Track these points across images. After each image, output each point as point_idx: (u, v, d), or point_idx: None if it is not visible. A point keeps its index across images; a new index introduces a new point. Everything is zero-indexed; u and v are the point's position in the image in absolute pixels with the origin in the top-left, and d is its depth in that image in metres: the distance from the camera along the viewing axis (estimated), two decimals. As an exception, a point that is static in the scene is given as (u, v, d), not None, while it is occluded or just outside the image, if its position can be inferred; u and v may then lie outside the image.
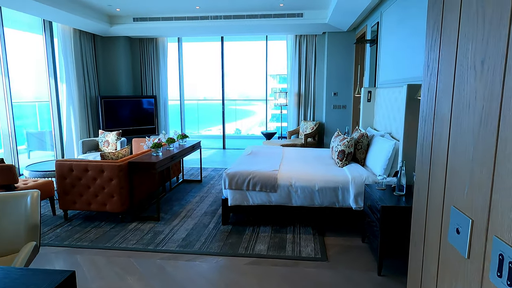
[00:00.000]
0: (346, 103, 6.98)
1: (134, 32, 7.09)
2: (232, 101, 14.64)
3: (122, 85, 7.51)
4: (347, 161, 3.77)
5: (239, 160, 3.99)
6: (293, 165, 3.79)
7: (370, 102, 4.79)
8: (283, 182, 3.32)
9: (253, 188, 3.35)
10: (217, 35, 7.65)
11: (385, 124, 4.19)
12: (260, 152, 4.56)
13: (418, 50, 3.22)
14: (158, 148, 3.88)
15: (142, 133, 7.49)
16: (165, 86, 7.98)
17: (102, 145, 5.68)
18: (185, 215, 3.81)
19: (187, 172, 5.82)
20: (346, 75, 6.88)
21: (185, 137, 4.74)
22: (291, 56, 7.44)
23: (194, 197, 4.46)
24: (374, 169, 3.48)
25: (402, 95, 3.58)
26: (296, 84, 7.46)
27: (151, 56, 7.81)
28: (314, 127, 6.91)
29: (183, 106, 8.30)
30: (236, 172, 3.42)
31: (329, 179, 3.30)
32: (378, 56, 4.79)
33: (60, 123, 6.51)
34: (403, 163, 2.67)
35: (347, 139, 3.80)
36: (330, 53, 6.88)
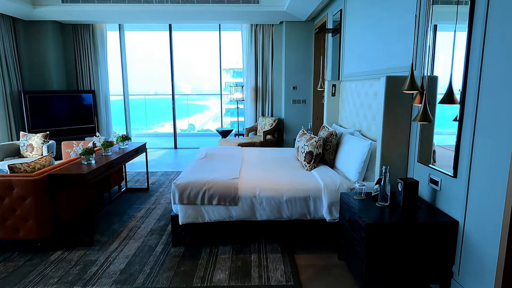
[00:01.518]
0: (306, 97, 6.61)
1: (64, 16, 6.07)
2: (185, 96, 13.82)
3: (53, 78, 6.45)
4: (316, 164, 3.33)
5: (192, 166, 3.38)
6: (256, 170, 3.27)
7: (335, 96, 4.41)
8: (245, 193, 2.78)
9: (209, 201, 2.77)
10: (164, 23, 6.87)
11: (353, 121, 3.82)
12: (216, 154, 3.98)
13: (397, 36, 2.84)
14: (90, 155, 3.14)
15: (79, 133, 6.53)
16: (105, 79, 7.04)
17: (25, 149, 4.73)
18: (126, 235, 3.13)
19: (132, 179, 5.06)
20: (305, 68, 6.49)
21: (126, 139, 4.01)
22: (247, 47, 6.89)
23: (138, 210, 3.77)
24: (347, 172, 3.07)
25: (373, 88, 3.20)
26: (253, 78, 6.94)
27: (87, 45, 6.82)
28: (273, 124, 6.46)
29: (127, 101, 7.41)
30: (188, 182, 2.82)
31: (299, 187, 2.83)
32: (342, 47, 4.41)
33: (-29, 124, 5.38)
34: (387, 169, 2.26)
35: (315, 139, 3.36)
36: (288, 44, 6.44)
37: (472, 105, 1.91)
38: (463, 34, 2.00)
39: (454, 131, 2.08)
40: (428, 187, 2.38)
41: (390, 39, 2.97)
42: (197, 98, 15.33)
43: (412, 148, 2.58)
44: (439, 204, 2.26)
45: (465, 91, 1.98)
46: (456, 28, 2.06)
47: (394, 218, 2.13)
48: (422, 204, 2.34)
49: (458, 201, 2.05)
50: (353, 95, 3.78)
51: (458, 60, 2.07)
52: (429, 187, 2.37)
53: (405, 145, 2.62)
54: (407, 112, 2.58)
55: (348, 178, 3.00)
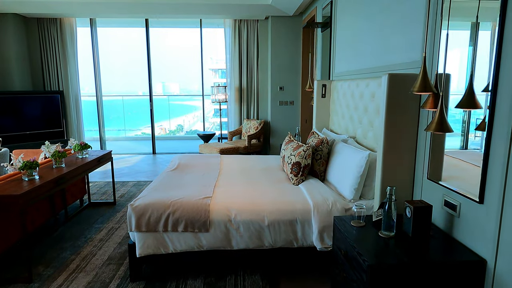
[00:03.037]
0: (293, 98, 6.14)
1: (27, 8, 5.47)
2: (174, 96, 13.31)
3: (15, 77, 5.83)
4: (304, 177, 2.85)
5: (157, 181, 2.86)
6: (233, 185, 2.77)
7: (325, 98, 3.95)
8: (218, 217, 2.28)
9: (173, 228, 2.26)
10: (140, 17, 6.31)
11: (346, 126, 3.36)
12: (190, 164, 3.47)
13: (399, 27, 2.38)
14: (32, 169, 2.60)
15: (45, 138, 5.90)
16: (75, 79, 6.44)
17: (-27, 159, 4.13)
18: (77, 266, 2.60)
19: (99, 190, 4.50)
20: (293, 67, 6.03)
21: (86, 148, 3.47)
22: (230, 45, 6.39)
23: (99, 231, 3.23)
24: (341, 188, 2.60)
25: (370, 89, 2.75)
26: (237, 77, 6.44)
27: (54, 42, 6.21)
28: (259, 127, 5.97)
29: (101, 103, 6.82)
30: (148, 204, 2.30)
31: (283, 208, 2.34)
32: (333, 43, 3.95)
33: None
34: (392, 191, 1.80)
35: (303, 148, 2.88)
36: (275, 42, 5.97)
37: (507, 110, 1.46)
38: (487, 24, 1.55)
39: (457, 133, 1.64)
40: (442, 211, 1.92)
41: (391, 31, 2.51)
42: (186, 98, 14.80)
43: (419, 162, 2.13)
44: (457, 234, 1.81)
45: (495, 93, 1.53)
46: (478, 15, 1.61)
47: (403, 255, 1.66)
48: (436, 234, 1.88)
49: (486, 234, 1.60)
50: (346, 96, 3.32)
51: (481, 55, 1.62)
52: (443, 211, 1.91)
53: (411, 157, 2.17)
54: (413, 118, 2.12)
55: (342, 195, 2.53)
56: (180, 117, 14.38)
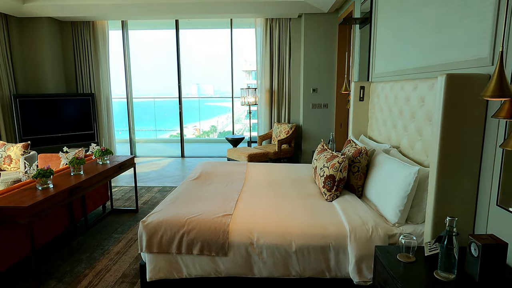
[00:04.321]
0: (327, 101, 5.75)
1: (60, 11, 5.52)
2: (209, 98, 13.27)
3: (48, 80, 5.92)
4: (338, 192, 2.50)
5: (177, 192, 2.63)
6: (258, 200, 2.47)
7: (363, 101, 3.55)
8: (238, 239, 1.99)
9: (188, 250, 2.00)
10: (170, 18, 6.19)
11: (387, 134, 2.96)
12: (213, 173, 3.22)
13: (460, 15, 1.96)
14: (47, 178, 2.46)
15: (77, 140, 5.96)
16: (107, 81, 6.45)
17: (2, 162, 4.15)
18: (89, 282, 2.42)
19: (123, 196, 4.39)
20: (327, 68, 5.64)
21: (107, 153, 3.32)
22: (261, 45, 6.11)
23: (117, 242, 3.06)
24: (383, 208, 2.22)
25: (418, 92, 2.34)
26: (268, 79, 6.14)
27: (87, 45, 6.25)
28: (290, 131, 5.64)
29: (131, 105, 6.80)
30: (161, 221, 2.06)
31: (314, 231, 2.01)
32: (373, 40, 3.55)
33: (-44, 131, 4.89)
34: (453, 223, 1.42)
35: (337, 159, 2.53)
36: (308, 41, 5.61)
37: None
38: None
39: None
40: (518, 249, 1.51)
41: (446, 23, 2.10)
42: (220, 100, 14.83)
43: (485, 183, 1.72)
44: (542, 282, 1.39)
45: None
46: None
47: (470, 308, 1.28)
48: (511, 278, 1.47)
49: None
50: (388, 100, 2.92)
51: None
52: (520, 249, 1.50)
53: (474, 177, 1.76)
54: (478, 128, 1.72)
55: (385, 217, 2.16)
56: (214, 118, 14.42)
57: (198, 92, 22.39)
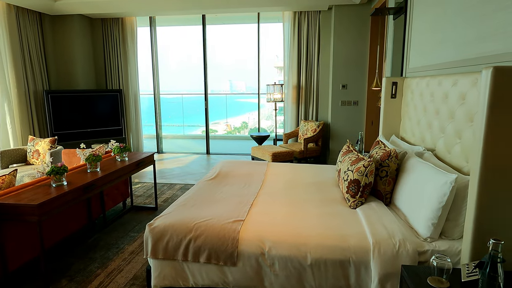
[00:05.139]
0: (358, 98, 5.44)
1: (90, 8, 5.61)
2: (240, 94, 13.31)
3: (79, 77, 6.05)
4: (363, 198, 2.27)
5: (190, 193, 2.51)
6: (274, 204, 2.30)
7: (396, 98, 3.26)
8: (248, 248, 1.83)
9: (194, 257, 1.87)
10: (197, 13, 6.12)
11: (421, 135, 2.67)
12: (231, 173, 3.07)
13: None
14: (61, 175, 2.43)
15: (104, 136, 6.06)
16: (135, 77, 6.51)
17: (31, 156, 4.26)
18: (100, 283, 2.36)
19: (145, 193, 4.37)
20: (358, 62, 5.32)
21: (125, 150, 3.28)
22: (289, 40, 5.89)
23: (133, 240, 3.01)
24: (413, 219, 1.97)
25: (458, 88, 2.06)
26: (295, 75, 5.92)
27: (116, 41, 6.33)
28: (317, 129, 5.39)
29: (158, 102, 6.83)
30: (168, 225, 1.95)
31: (333, 242, 1.81)
32: (408, 30, 3.23)
33: (-8, 125, 5.10)
34: (499, 247, 1.17)
35: (363, 162, 2.30)
36: (338, 34, 5.32)
37: None
38: None
39: None
40: None
41: (493, 8, 1.81)
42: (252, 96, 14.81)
43: (540, 197, 1.44)
44: None
45: None
46: None
47: None
48: None
49: None
50: (423, 97, 2.63)
51: None
52: None
53: (525, 189, 1.48)
54: (532, 132, 1.44)
55: (415, 229, 1.91)
56: (245, 114, 14.38)
57: (231, 89, 22.43)
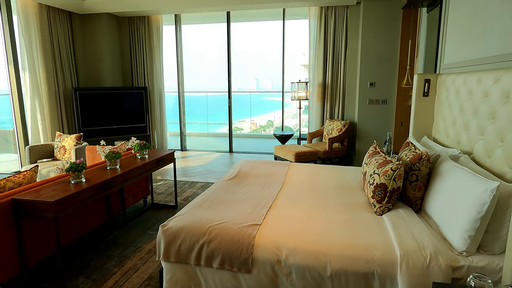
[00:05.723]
0: (387, 96, 5.18)
1: (117, 6, 5.68)
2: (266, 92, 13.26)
3: (106, 74, 6.17)
4: (391, 204, 2.10)
5: (207, 193, 2.44)
6: (293, 208, 2.18)
7: (428, 96, 3.03)
8: (264, 255, 1.73)
9: (207, 262, 1.79)
10: (222, 10, 6.05)
11: (457, 136, 2.46)
12: (251, 173, 2.98)
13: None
14: (80, 172, 2.42)
15: (129, 133, 6.15)
16: (160, 75, 6.56)
17: (58, 151, 4.36)
18: (115, 282, 2.34)
19: (167, 190, 4.36)
20: (388, 59, 5.06)
21: (145, 148, 3.26)
22: (314, 37, 5.71)
23: (150, 239, 2.98)
24: (446, 229, 1.79)
25: (501, 85, 1.85)
26: (320, 73, 5.73)
27: (142, 39, 6.40)
28: (343, 129, 5.19)
29: (182, 99, 6.85)
30: (182, 227, 1.87)
31: (355, 253, 1.66)
32: (444, 23, 2.99)
33: (24, 121, 5.29)
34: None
35: (391, 165, 2.12)
36: (367, 29, 5.09)
37: None
38: None
39: None
40: None
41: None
42: (277, 94, 14.77)
43: None
44: None
45: None
46: None
47: None
48: None
49: None
50: (459, 95, 2.42)
51: None
52: None
53: None
54: None
55: (449, 241, 1.73)
56: (271, 112, 14.31)
57: (257, 87, 22.35)
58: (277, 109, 14.28)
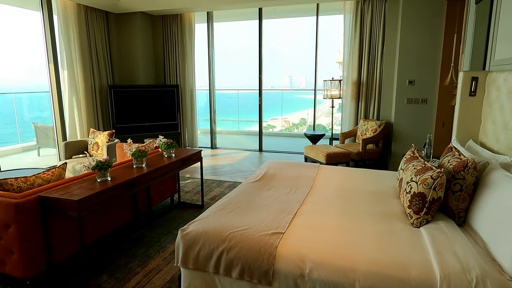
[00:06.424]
0: (427, 95, 4.84)
1: (150, 5, 5.76)
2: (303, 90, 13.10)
3: (140, 72, 6.28)
4: (430, 216, 1.90)
5: (231, 196, 2.35)
6: (320, 216, 2.03)
7: (475, 96, 2.75)
8: (286, 267, 1.60)
9: (226, 271, 1.69)
10: (254, 6, 5.94)
11: (508, 140, 2.19)
12: (277, 176, 2.85)
13: None
14: (105, 170, 2.42)
15: (160, 130, 6.23)
16: (191, 73, 6.58)
17: (91, 147, 4.48)
18: (137, 282, 2.31)
19: (194, 189, 4.34)
20: (429, 55, 4.72)
21: (172, 147, 3.23)
22: (349, 32, 5.46)
23: (175, 238, 2.92)
24: (496, 246, 1.57)
25: None
26: (355, 70, 5.47)
27: (174, 37, 6.45)
28: (378, 129, 4.92)
29: (213, 97, 6.85)
30: (201, 232, 1.79)
31: (388, 271, 1.50)
32: (495, 14, 2.70)
33: (63, 117, 5.50)
34: None
35: (432, 173, 1.92)
36: (407, 24, 4.77)
37: None
38: None
39: None
40: None
41: None
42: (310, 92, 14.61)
43: None
44: None
45: None
46: None
47: None
48: None
49: None
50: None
51: None
52: None
53: None
54: None
55: (499, 262, 1.51)
56: (304, 110, 14.11)
57: (290, 84, 22.10)
58: (311, 107, 14.05)
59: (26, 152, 6.74)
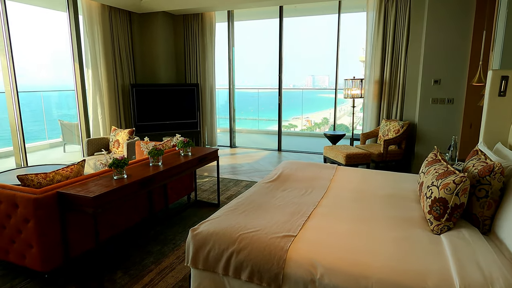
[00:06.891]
0: (454, 95, 4.63)
1: (172, 5, 5.82)
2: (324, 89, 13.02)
3: (162, 71, 6.37)
4: (451, 222, 1.80)
5: (244, 196, 2.32)
6: (334, 220, 1.97)
7: (505, 96, 2.60)
8: (297, 271, 1.56)
9: (235, 273, 1.67)
10: (275, 4, 5.88)
11: (541, 144, 2.04)
12: (293, 176, 2.80)
13: None
14: (122, 168, 2.46)
15: (180, 128, 6.29)
16: (211, 72, 6.61)
17: (112, 145, 4.58)
18: (150, 280, 2.33)
19: (211, 187, 4.35)
20: (456, 53, 4.51)
21: (188, 145, 3.25)
22: (372, 30, 5.31)
23: (190, 238, 2.95)
24: (522, 259, 1.46)
25: None
26: (378, 69, 5.32)
27: (195, 36, 6.50)
28: (401, 130, 4.76)
29: (233, 96, 6.86)
30: (212, 233, 1.78)
31: (404, 280, 1.42)
32: (529, 11, 2.53)
33: (87, 115, 5.66)
34: None
35: (455, 177, 1.82)
36: (433, 20, 4.58)
37: None
38: None
39: None
40: None
41: None
42: (332, 91, 14.48)
43: None
44: None
45: None
46: None
47: None
48: None
49: None
50: (547, 96, 2.00)
51: None
52: None
53: None
54: None
55: (525, 275, 1.41)
56: (327, 110, 13.95)
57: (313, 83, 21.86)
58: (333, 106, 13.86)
59: (53, 148, 7.00)
